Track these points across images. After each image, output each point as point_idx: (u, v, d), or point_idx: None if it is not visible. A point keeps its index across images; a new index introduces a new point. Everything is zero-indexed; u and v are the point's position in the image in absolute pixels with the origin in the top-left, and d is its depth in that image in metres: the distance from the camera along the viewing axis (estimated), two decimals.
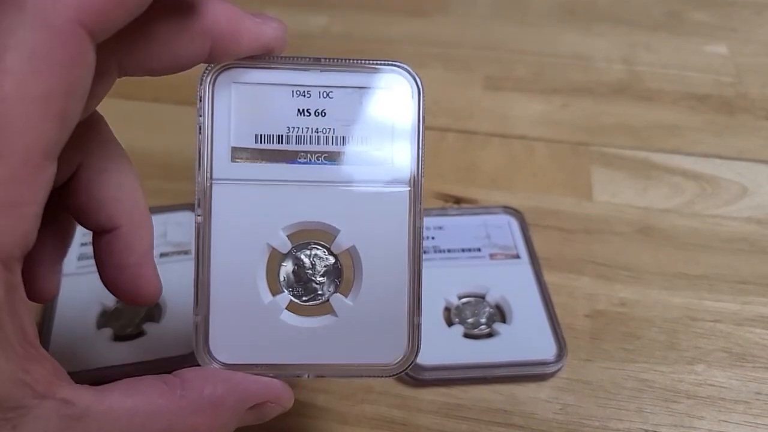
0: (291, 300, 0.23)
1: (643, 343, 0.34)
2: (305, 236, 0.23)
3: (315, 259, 0.23)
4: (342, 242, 0.23)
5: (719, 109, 0.48)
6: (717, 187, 0.42)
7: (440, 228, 0.38)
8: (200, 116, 0.22)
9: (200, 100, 0.22)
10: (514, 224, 0.38)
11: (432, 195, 0.41)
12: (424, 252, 0.36)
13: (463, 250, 0.37)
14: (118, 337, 0.33)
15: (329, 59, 0.23)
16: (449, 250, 0.37)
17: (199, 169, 0.22)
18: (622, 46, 0.54)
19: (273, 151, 0.23)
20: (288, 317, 0.23)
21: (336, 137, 0.23)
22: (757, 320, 0.35)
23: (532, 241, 0.37)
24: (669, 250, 0.38)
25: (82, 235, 0.37)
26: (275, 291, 0.23)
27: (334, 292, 0.23)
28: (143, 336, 0.33)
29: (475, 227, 0.38)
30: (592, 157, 0.44)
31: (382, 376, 0.23)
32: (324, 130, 0.23)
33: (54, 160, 0.18)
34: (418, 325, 0.23)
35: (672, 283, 0.37)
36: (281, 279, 0.23)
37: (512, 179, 0.43)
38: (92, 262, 0.36)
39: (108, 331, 0.33)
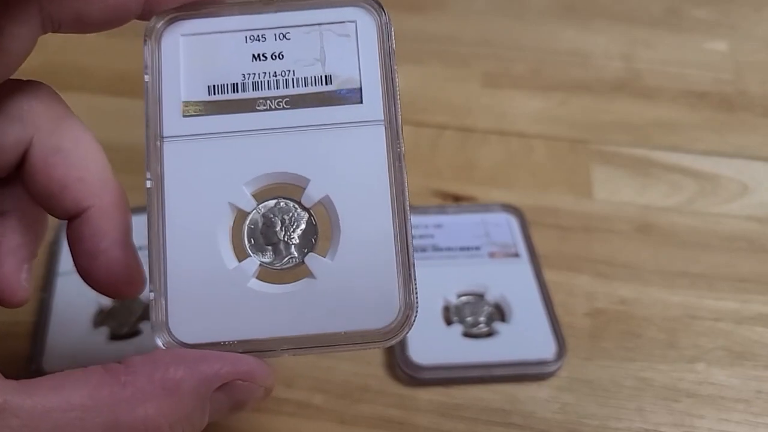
0: (260, 265, 0.21)
1: (642, 342, 0.34)
2: (272, 192, 0.21)
3: (285, 216, 0.21)
4: (313, 193, 0.21)
5: (719, 107, 0.48)
6: (717, 184, 0.42)
7: (439, 226, 0.38)
8: (146, 74, 0.21)
9: (146, 58, 0.21)
10: (514, 222, 0.38)
11: (430, 193, 0.41)
12: (422, 251, 0.36)
13: (461, 249, 0.37)
14: (115, 336, 0.33)
15: None
16: (448, 249, 0.37)
17: (147, 130, 0.20)
18: (621, 43, 0.53)
19: (228, 101, 0.21)
20: (257, 285, 0.20)
21: (296, 79, 0.21)
22: (757, 319, 0.35)
23: (531, 240, 0.37)
24: (669, 248, 0.38)
25: None
26: (241, 256, 0.21)
27: (310, 252, 0.21)
28: (140, 335, 0.33)
29: (474, 225, 0.38)
30: (591, 154, 0.44)
31: (374, 344, 0.20)
32: (283, 73, 0.21)
33: None
34: (412, 278, 0.20)
35: (672, 281, 0.36)
36: (247, 242, 0.21)
37: (511, 177, 0.42)
38: None
39: (105, 330, 0.33)
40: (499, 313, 0.34)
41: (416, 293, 0.20)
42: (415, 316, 0.20)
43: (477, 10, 0.58)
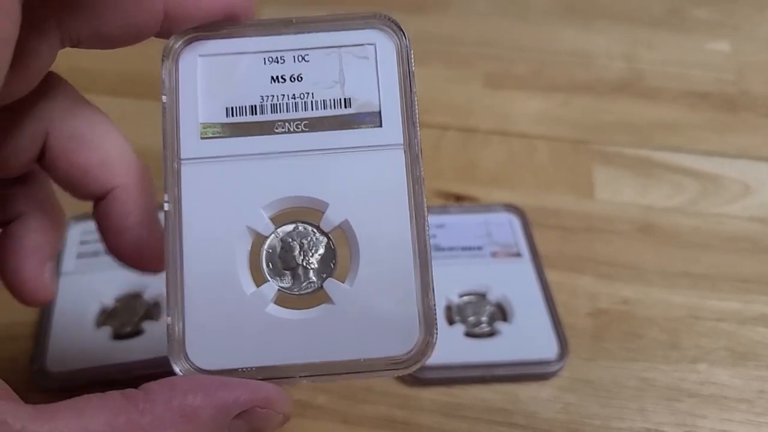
0: (278, 290, 0.20)
1: (645, 342, 0.34)
2: (290, 216, 0.21)
3: (303, 240, 0.20)
4: (332, 217, 0.20)
5: (721, 107, 0.48)
6: (719, 185, 0.42)
7: (441, 226, 0.38)
8: (164, 95, 0.20)
9: (164, 78, 0.21)
10: (516, 222, 0.38)
11: (433, 193, 0.41)
12: None
13: (464, 249, 0.37)
14: (118, 336, 0.33)
15: (301, 19, 0.21)
16: (450, 248, 0.37)
17: (165, 151, 0.20)
18: (623, 43, 0.53)
19: (246, 123, 0.21)
20: (275, 310, 0.20)
21: (315, 102, 0.21)
22: (759, 319, 0.35)
23: (533, 240, 0.37)
24: (671, 248, 0.38)
25: (81, 233, 0.37)
26: (259, 281, 0.20)
27: (328, 277, 0.20)
28: (142, 334, 0.33)
29: (476, 225, 0.38)
30: (593, 155, 0.44)
31: (394, 372, 0.19)
32: (302, 96, 0.21)
33: None
34: (432, 304, 0.19)
35: (674, 281, 0.36)
36: (265, 266, 0.20)
37: (513, 177, 0.42)
38: (91, 260, 0.36)
39: (107, 330, 0.33)
40: (501, 313, 0.34)
41: (437, 319, 0.20)
42: (433, 344, 0.19)
43: (479, 11, 0.58)
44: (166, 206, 0.20)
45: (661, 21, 0.56)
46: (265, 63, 0.21)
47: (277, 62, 0.21)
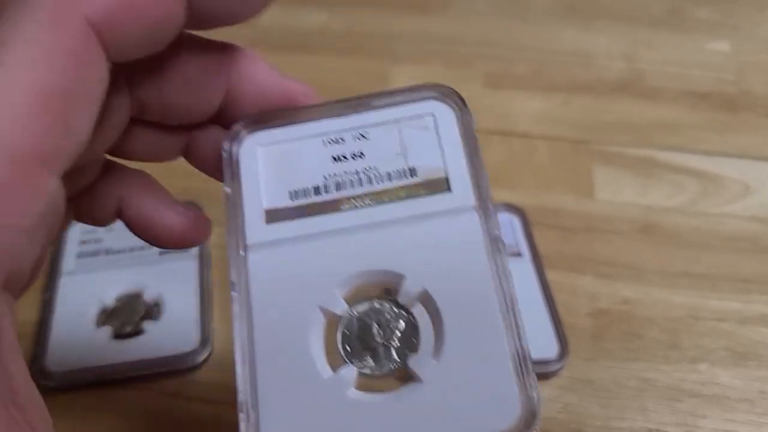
0: (359, 373, 0.19)
1: (645, 342, 0.34)
2: (365, 293, 0.19)
3: (381, 317, 0.19)
4: (410, 290, 0.19)
5: (721, 107, 0.48)
6: (719, 185, 0.42)
7: None
8: (227, 187, 0.20)
9: (225, 169, 0.20)
10: (516, 222, 0.38)
11: None
12: None
13: None
14: (118, 336, 0.33)
15: (358, 98, 0.21)
16: None
17: (230, 239, 0.20)
18: (623, 43, 0.53)
19: (312, 204, 0.20)
20: (357, 394, 0.18)
21: (380, 175, 0.20)
22: (760, 319, 0.35)
23: (534, 240, 0.37)
24: (671, 248, 0.38)
25: (81, 233, 0.37)
26: (337, 364, 0.19)
27: (412, 354, 0.19)
28: (143, 334, 0.33)
29: None
30: (593, 155, 0.44)
31: None
32: (365, 170, 0.20)
33: (55, 175, 0.16)
34: (529, 372, 0.18)
35: (674, 281, 0.36)
36: (342, 348, 0.19)
37: (513, 177, 0.42)
38: (91, 260, 0.36)
39: (107, 330, 0.33)
40: None
41: (536, 389, 0.18)
42: (538, 416, 0.17)
43: (479, 11, 0.58)
44: (234, 295, 0.19)
45: (661, 21, 0.56)
46: (325, 145, 0.21)
47: (337, 143, 0.21)
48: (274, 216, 0.20)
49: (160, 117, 0.21)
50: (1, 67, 0.15)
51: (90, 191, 0.21)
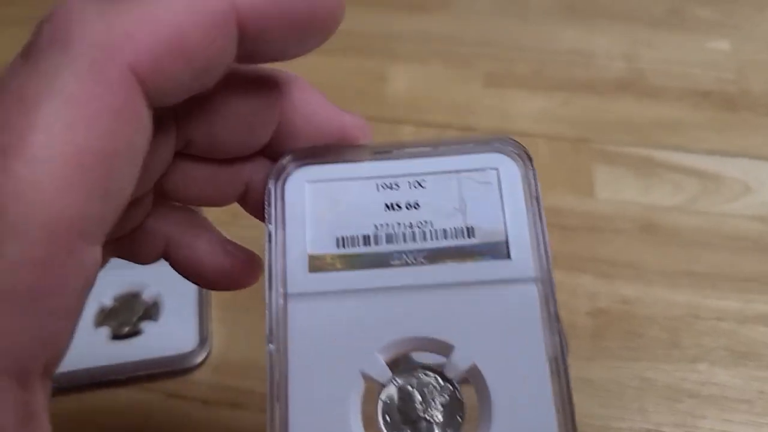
0: None
1: (645, 342, 0.33)
2: (410, 360, 0.19)
3: (425, 389, 0.18)
4: (458, 362, 0.18)
5: (722, 106, 0.48)
6: (720, 184, 0.42)
7: None
8: (270, 224, 0.19)
9: (269, 205, 0.19)
10: None
11: None
12: None
13: None
14: (116, 336, 0.33)
15: (417, 142, 0.20)
16: None
17: (270, 286, 0.18)
18: (624, 42, 0.53)
19: (360, 255, 0.19)
20: None
21: (435, 231, 0.19)
22: (760, 319, 0.35)
23: None
24: (671, 247, 0.38)
25: None
26: None
27: (457, 430, 0.18)
28: (141, 335, 0.33)
29: None
30: (593, 154, 0.44)
31: None
32: (420, 224, 0.19)
33: (95, 243, 0.14)
34: None
35: (674, 281, 0.36)
36: (381, 418, 0.18)
37: None
38: None
39: (106, 330, 0.33)
40: None
41: None
42: None
43: (479, 11, 0.58)
44: (270, 348, 0.18)
45: (661, 20, 0.56)
46: (378, 189, 0.19)
47: (392, 188, 0.19)
48: (318, 264, 0.19)
49: (206, 152, 0.19)
50: (35, 129, 0.13)
51: (134, 230, 0.20)
